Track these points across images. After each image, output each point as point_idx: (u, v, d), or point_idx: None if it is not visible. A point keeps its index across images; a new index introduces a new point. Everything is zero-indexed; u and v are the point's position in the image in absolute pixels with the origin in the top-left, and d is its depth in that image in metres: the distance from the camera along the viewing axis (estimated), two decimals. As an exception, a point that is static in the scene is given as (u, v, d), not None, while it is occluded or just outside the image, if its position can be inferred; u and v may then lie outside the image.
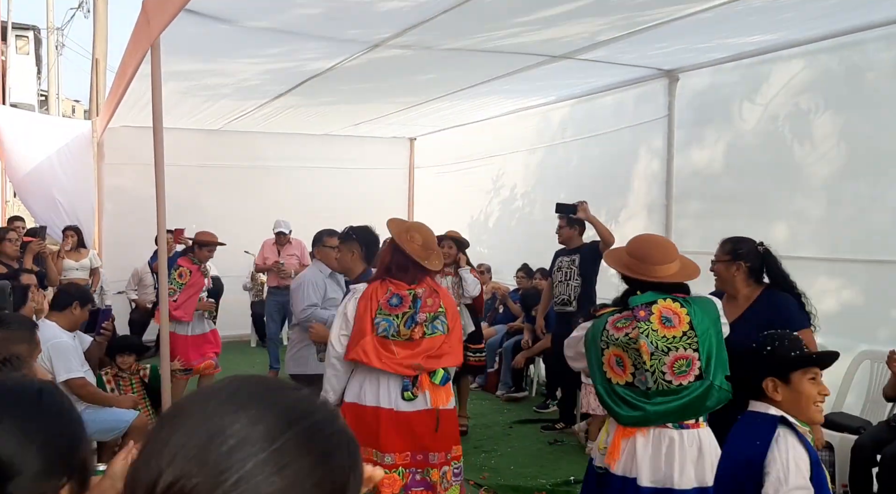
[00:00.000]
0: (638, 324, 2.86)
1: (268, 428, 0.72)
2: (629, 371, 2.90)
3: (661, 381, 2.83)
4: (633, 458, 2.86)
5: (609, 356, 2.95)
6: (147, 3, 4.05)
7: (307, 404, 0.78)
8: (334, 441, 0.77)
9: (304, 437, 0.74)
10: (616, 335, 2.92)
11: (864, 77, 4.95)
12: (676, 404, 2.83)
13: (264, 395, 0.76)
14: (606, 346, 2.95)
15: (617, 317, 2.97)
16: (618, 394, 2.92)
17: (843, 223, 5.12)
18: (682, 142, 6.38)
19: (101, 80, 13.29)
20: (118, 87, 6.37)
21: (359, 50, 5.38)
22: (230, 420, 0.73)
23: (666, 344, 2.84)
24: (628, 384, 2.90)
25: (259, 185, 9.86)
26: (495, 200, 9.39)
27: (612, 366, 2.95)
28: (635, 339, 2.84)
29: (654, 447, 2.85)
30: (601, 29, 5.10)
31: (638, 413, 2.86)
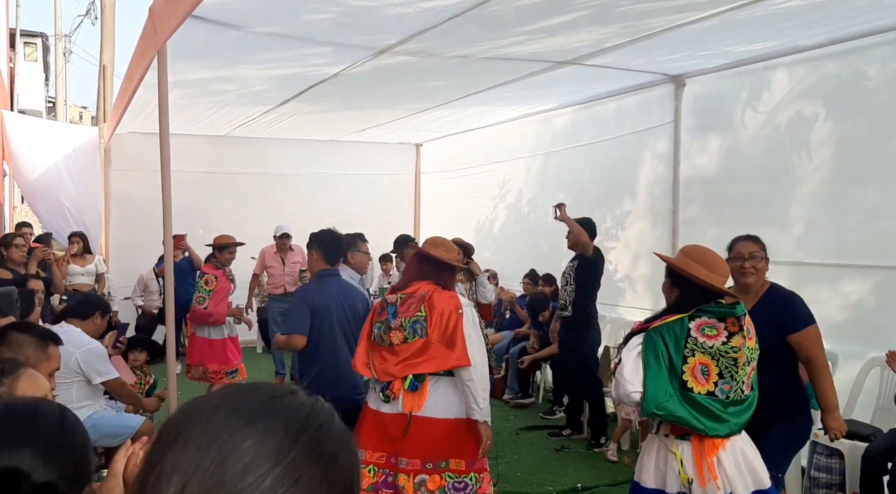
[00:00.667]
0: (742, 333, 2.89)
1: (279, 442, 0.73)
2: (712, 380, 2.85)
3: (739, 391, 2.88)
4: (724, 474, 2.84)
5: (694, 364, 2.86)
6: (154, 9, 4.05)
7: (308, 409, 0.78)
8: (338, 442, 0.77)
9: (313, 445, 0.74)
10: (709, 342, 2.86)
11: (869, 82, 4.93)
12: (748, 414, 2.90)
13: (267, 406, 0.76)
14: (692, 354, 2.86)
15: (701, 323, 2.90)
16: (698, 404, 2.83)
17: (850, 229, 5.09)
18: (688, 147, 6.37)
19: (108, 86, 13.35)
20: (125, 94, 6.39)
21: (365, 56, 5.39)
22: (241, 438, 0.72)
23: (751, 355, 2.92)
24: (709, 393, 2.85)
25: (265, 192, 9.87)
26: (501, 206, 9.38)
27: (696, 375, 2.86)
28: (739, 348, 2.85)
29: (735, 455, 2.88)
30: (606, 36, 5.10)
31: (723, 425, 2.84)
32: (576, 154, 7.91)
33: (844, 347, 4.93)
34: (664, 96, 6.55)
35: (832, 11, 4.53)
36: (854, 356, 4.83)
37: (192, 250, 8.10)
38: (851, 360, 4.85)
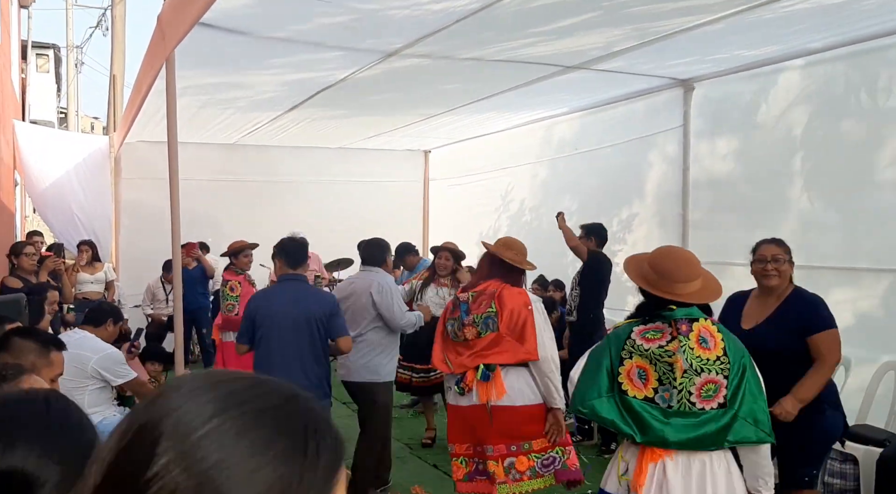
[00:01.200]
0: (679, 338, 2.74)
1: (223, 403, 0.67)
2: (651, 385, 2.76)
3: (686, 402, 2.72)
4: (664, 486, 2.70)
5: (630, 366, 2.80)
6: (162, 17, 4.07)
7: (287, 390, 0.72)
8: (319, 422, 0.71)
9: (259, 407, 0.68)
10: (646, 346, 2.78)
11: (881, 84, 4.89)
12: (696, 433, 2.70)
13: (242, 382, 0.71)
14: (629, 356, 2.81)
15: (645, 328, 2.83)
16: (632, 409, 2.76)
17: (862, 232, 5.05)
18: (697, 151, 6.34)
19: (118, 96, 13.43)
20: (134, 102, 6.42)
21: (373, 60, 5.39)
22: (196, 395, 0.68)
23: (700, 365, 2.73)
24: (647, 398, 2.76)
25: (274, 199, 9.88)
26: (509, 211, 9.36)
27: (632, 378, 2.79)
28: (673, 352, 2.72)
29: (685, 472, 2.71)
30: (615, 39, 5.09)
31: (656, 433, 2.72)
32: (584, 159, 7.89)
33: (857, 352, 4.88)
34: (673, 100, 6.53)
35: (841, 14, 4.51)
36: (867, 360, 4.78)
37: (204, 258, 8.11)
38: (864, 365, 4.79)
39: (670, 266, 2.88)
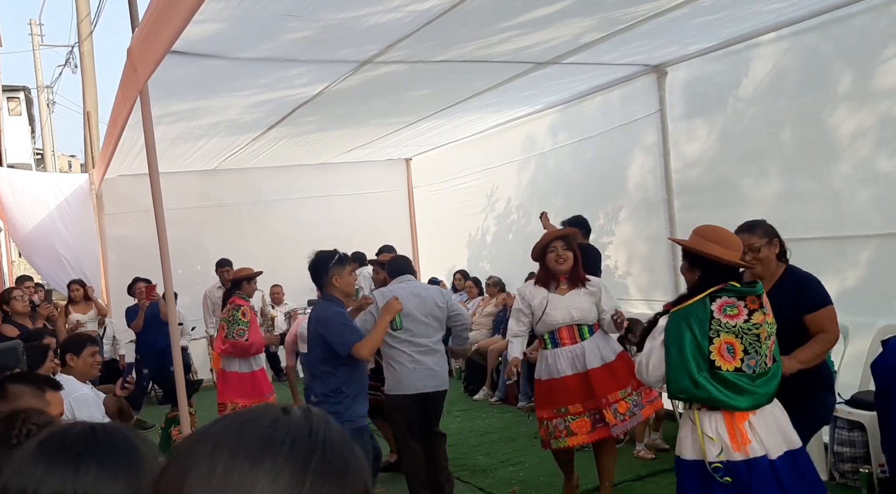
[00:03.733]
0: (763, 310, 3.05)
1: (289, 474, 0.69)
2: (738, 357, 3.02)
3: (763, 364, 3.04)
4: (758, 438, 2.99)
5: (720, 343, 3.02)
6: (132, 50, 4.05)
7: (308, 427, 0.74)
8: (345, 452, 0.74)
9: (324, 466, 0.71)
10: (732, 322, 3.02)
11: (853, 50, 4.93)
12: (775, 383, 3.06)
13: (267, 437, 0.72)
14: (717, 334, 3.03)
15: (723, 303, 3.05)
16: (727, 381, 3.00)
17: (844, 201, 5.09)
18: (676, 135, 6.37)
19: (94, 132, 13.36)
20: (111, 137, 6.40)
21: (347, 71, 5.40)
22: (250, 481, 0.69)
23: (770, 330, 3.09)
24: (737, 370, 3.01)
25: (259, 220, 9.87)
26: (495, 212, 9.38)
27: (723, 353, 3.02)
28: (760, 325, 3.02)
29: (766, 419, 3.03)
30: (583, 31, 5.11)
31: (750, 397, 3.01)
32: (564, 154, 7.92)
33: (854, 319, 4.91)
34: (647, 87, 6.56)
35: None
36: (864, 326, 4.81)
37: (162, 301, 8.05)
38: (862, 331, 4.83)
39: (729, 237, 3.19)
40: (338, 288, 4.37)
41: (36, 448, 1.08)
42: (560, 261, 4.43)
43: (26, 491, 1.01)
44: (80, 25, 14.50)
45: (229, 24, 4.21)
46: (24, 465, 1.05)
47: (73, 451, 1.06)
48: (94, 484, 1.02)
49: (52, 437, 1.11)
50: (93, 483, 1.02)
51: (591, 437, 4.40)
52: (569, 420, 4.40)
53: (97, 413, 4.26)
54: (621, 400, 4.36)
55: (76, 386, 4.28)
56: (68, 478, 1.02)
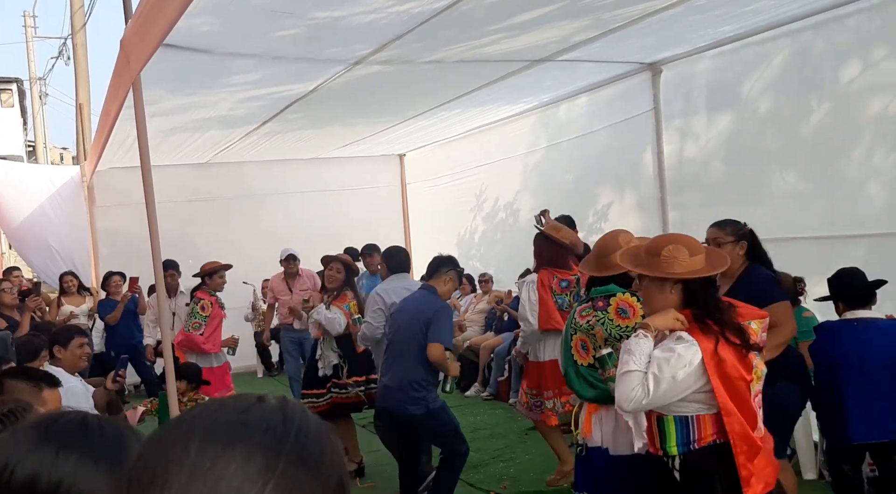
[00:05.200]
0: (597, 313, 3.36)
1: (263, 458, 0.70)
2: (591, 354, 3.31)
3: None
4: (600, 431, 3.30)
5: (576, 341, 3.43)
6: (125, 41, 4.03)
7: (281, 413, 0.75)
8: (320, 439, 0.75)
9: (297, 450, 0.72)
10: (580, 322, 3.42)
11: (848, 50, 4.94)
12: None
13: (241, 422, 0.73)
14: (574, 332, 3.43)
15: (582, 307, 3.47)
16: (582, 375, 3.38)
17: (838, 200, 5.10)
18: (670, 133, 6.37)
19: (86, 124, 13.30)
20: (103, 129, 6.37)
21: (340, 69, 5.38)
22: (223, 464, 0.69)
23: (619, 332, 3.30)
24: (590, 365, 3.32)
25: (252, 215, 9.84)
26: (487, 209, 9.38)
27: (579, 350, 3.42)
28: (593, 325, 3.35)
29: (614, 420, 3.23)
30: (576, 31, 5.10)
31: (596, 392, 3.30)
32: (558, 151, 7.92)
33: (844, 318, 4.93)
34: (641, 85, 6.56)
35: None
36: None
37: (143, 295, 8.03)
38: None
39: (610, 246, 3.46)
40: (445, 289, 4.58)
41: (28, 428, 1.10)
42: None
43: (7, 467, 1.02)
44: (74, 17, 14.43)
45: (223, 18, 4.19)
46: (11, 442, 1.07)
47: (59, 437, 1.07)
48: (72, 472, 1.03)
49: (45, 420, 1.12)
50: (70, 470, 1.03)
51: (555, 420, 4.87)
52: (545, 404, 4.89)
53: (86, 406, 4.23)
54: None
55: (65, 377, 4.24)
56: (46, 462, 1.03)
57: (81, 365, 4.37)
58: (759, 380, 2.70)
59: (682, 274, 2.70)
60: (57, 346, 4.32)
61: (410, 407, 4.30)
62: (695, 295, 2.72)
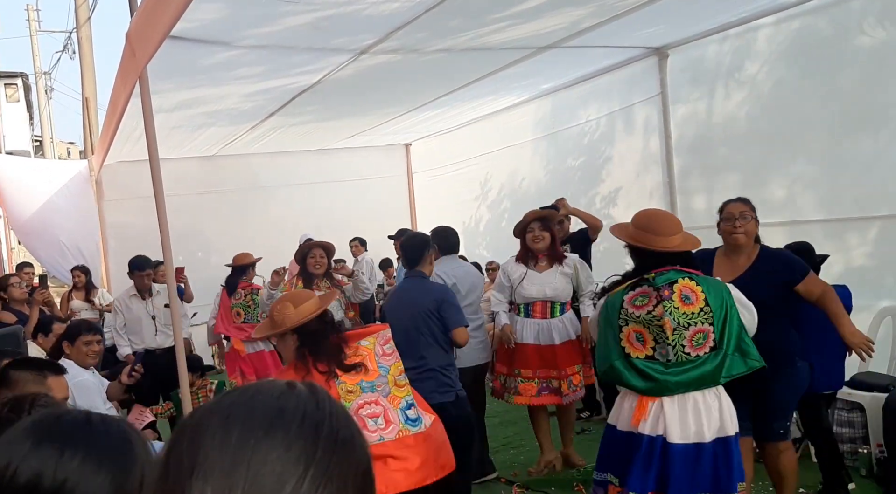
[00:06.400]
0: (664, 303, 3.07)
1: (303, 444, 0.72)
2: (649, 345, 3.12)
3: (681, 353, 3.07)
4: (660, 418, 3.08)
5: (628, 332, 3.16)
6: (131, 34, 4.03)
7: (315, 400, 0.76)
8: (349, 424, 0.77)
9: (333, 436, 0.74)
10: (636, 312, 3.14)
11: (853, 34, 4.91)
12: (695, 373, 3.07)
13: (278, 407, 0.74)
14: (625, 323, 3.16)
15: (633, 294, 3.17)
16: (636, 368, 3.14)
17: (847, 182, 5.08)
18: (677, 117, 6.35)
19: (92, 118, 13.34)
20: (110, 123, 6.37)
21: (345, 59, 5.37)
22: (265, 449, 0.70)
23: (686, 320, 3.08)
24: (648, 357, 3.12)
25: (260, 207, 9.85)
26: (494, 198, 9.37)
27: (632, 342, 3.16)
28: (660, 316, 3.06)
29: (680, 406, 3.08)
30: (582, 17, 5.08)
31: (656, 384, 3.09)
32: (565, 138, 7.90)
33: (854, 301, 4.92)
34: (648, 69, 6.54)
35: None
36: (864, 308, 4.81)
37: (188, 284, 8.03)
38: (862, 313, 4.82)
39: (652, 221, 3.25)
40: (430, 269, 4.53)
41: (29, 426, 1.07)
42: (536, 241, 4.88)
43: (9, 466, 1.01)
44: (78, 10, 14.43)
45: (228, 10, 4.19)
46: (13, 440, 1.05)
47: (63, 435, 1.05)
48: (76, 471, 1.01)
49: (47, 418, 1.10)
50: (75, 469, 1.01)
51: (535, 401, 4.95)
52: (519, 381, 4.93)
53: (98, 400, 4.27)
54: (576, 373, 4.92)
55: (77, 371, 4.28)
56: (51, 461, 1.01)
57: (89, 361, 4.38)
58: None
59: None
60: (65, 342, 4.36)
61: (439, 395, 4.03)
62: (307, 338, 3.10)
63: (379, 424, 3.04)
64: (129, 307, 6.57)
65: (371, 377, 3.12)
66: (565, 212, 5.86)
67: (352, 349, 3.14)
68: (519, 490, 4.85)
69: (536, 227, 4.90)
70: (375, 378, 3.13)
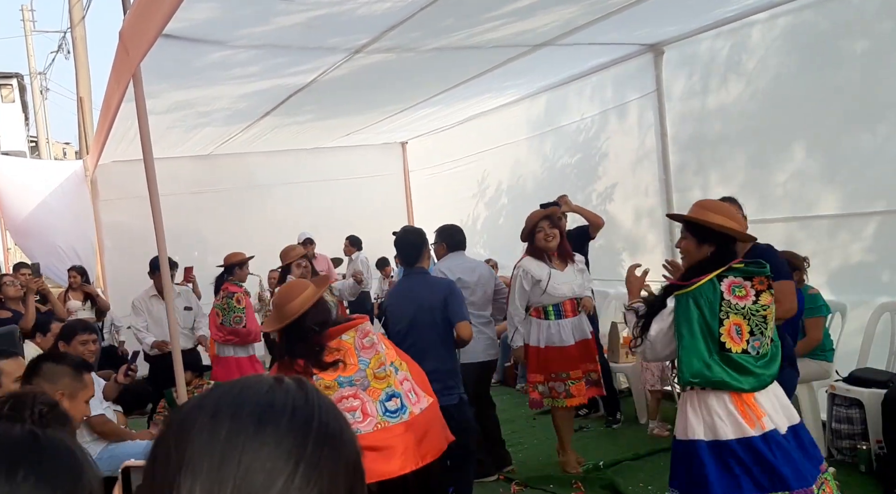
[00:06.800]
0: (770, 291, 2.99)
1: (293, 438, 0.70)
2: (745, 338, 2.97)
3: (766, 346, 3.01)
4: (765, 412, 2.97)
5: (729, 325, 2.96)
6: (124, 33, 4.01)
7: (304, 394, 0.75)
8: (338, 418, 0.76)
9: (322, 430, 0.73)
10: (741, 303, 2.96)
11: (850, 28, 4.90)
12: (775, 366, 3.02)
13: (267, 402, 0.73)
14: (727, 316, 2.96)
15: (731, 283, 2.98)
16: (735, 363, 2.95)
17: (845, 178, 5.07)
18: (673, 114, 6.34)
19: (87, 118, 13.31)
20: (104, 122, 6.35)
21: (340, 59, 5.35)
22: (256, 445, 0.69)
23: (773, 311, 3.05)
24: (744, 351, 2.97)
25: (256, 206, 9.84)
26: (491, 195, 9.37)
27: (732, 335, 2.96)
28: (767, 306, 2.98)
29: (769, 397, 3.01)
30: (576, 14, 5.06)
31: (755, 379, 2.96)
32: (561, 135, 7.89)
33: (852, 297, 4.92)
34: (644, 66, 6.52)
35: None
36: (862, 304, 4.83)
37: (197, 283, 8.00)
38: (860, 308, 4.84)
39: (727, 210, 3.12)
40: (428, 264, 4.58)
41: None
42: (549, 239, 4.79)
43: None
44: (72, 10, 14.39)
45: (222, 8, 4.17)
46: None
47: (13, 456, 0.97)
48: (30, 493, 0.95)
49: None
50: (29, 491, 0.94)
51: (584, 398, 4.91)
52: (569, 384, 4.79)
53: (95, 400, 4.25)
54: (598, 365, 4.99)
55: None
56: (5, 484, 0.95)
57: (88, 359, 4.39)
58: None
59: None
60: (61, 342, 4.35)
61: (442, 398, 3.87)
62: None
63: (356, 417, 3.08)
64: (149, 308, 6.61)
65: (350, 372, 3.16)
66: (567, 209, 5.85)
67: (334, 344, 3.19)
68: (518, 487, 4.84)
69: (546, 226, 4.81)
70: (354, 373, 3.17)
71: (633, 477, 4.74)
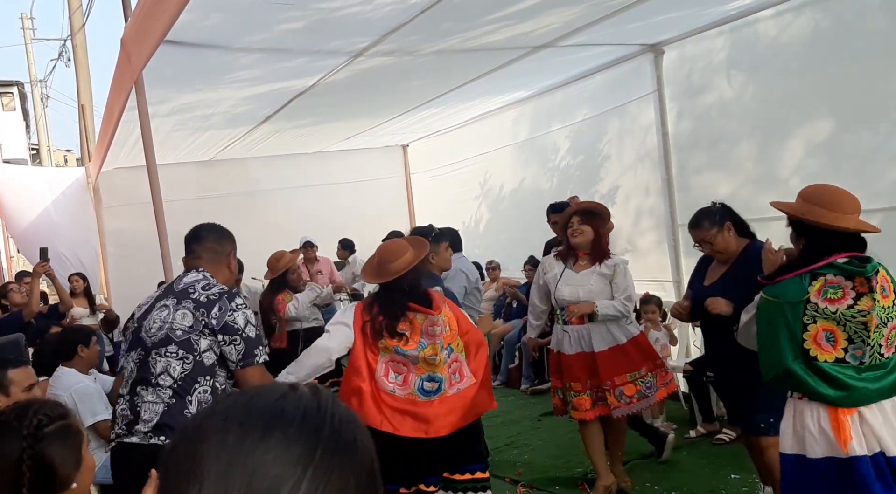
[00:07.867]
0: (873, 295, 2.59)
1: (301, 445, 0.71)
2: (840, 346, 2.64)
3: (876, 355, 2.64)
4: (871, 430, 2.61)
5: (816, 331, 2.65)
6: (126, 39, 4.03)
7: (316, 401, 0.76)
8: (352, 425, 0.76)
9: (334, 437, 0.73)
10: (832, 307, 2.62)
11: (851, 26, 4.90)
12: (891, 378, 2.63)
13: (277, 410, 0.73)
14: (813, 321, 2.65)
15: (824, 284, 2.65)
16: (824, 373, 2.63)
17: (846, 176, 5.06)
18: (674, 114, 6.34)
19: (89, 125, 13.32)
20: (107, 129, 6.36)
21: (340, 62, 5.37)
22: (262, 452, 0.70)
23: (886, 315, 2.63)
24: (838, 360, 2.63)
25: (258, 211, 9.84)
26: (493, 197, 9.37)
27: (820, 343, 2.64)
28: (867, 311, 2.58)
29: (883, 412, 2.64)
30: (576, 16, 5.07)
31: (847, 392, 2.61)
32: (562, 136, 7.90)
33: (855, 294, 4.91)
34: (644, 66, 6.52)
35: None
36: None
37: None
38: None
39: (841, 197, 2.78)
40: (434, 264, 4.60)
41: None
42: (575, 235, 4.41)
43: None
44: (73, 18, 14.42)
45: (223, 14, 4.18)
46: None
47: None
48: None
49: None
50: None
51: (590, 415, 4.42)
52: (572, 395, 4.46)
53: (99, 405, 4.27)
54: (629, 383, 4.34)
55: (77, 378, 4.30)
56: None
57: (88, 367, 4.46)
58: None
59: None
60: (80, 345, 4.39)
61: None
62: None
63: (397, 380, 3.44)
64: None
65: (409, 347, 3.46)
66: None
67: (410, 316, 3.48)
68: (523, 489, 4.84)
69: (576, 221, 4.42)
70: (412, 349, 3.46)
71: (640, 477, 4.73)
